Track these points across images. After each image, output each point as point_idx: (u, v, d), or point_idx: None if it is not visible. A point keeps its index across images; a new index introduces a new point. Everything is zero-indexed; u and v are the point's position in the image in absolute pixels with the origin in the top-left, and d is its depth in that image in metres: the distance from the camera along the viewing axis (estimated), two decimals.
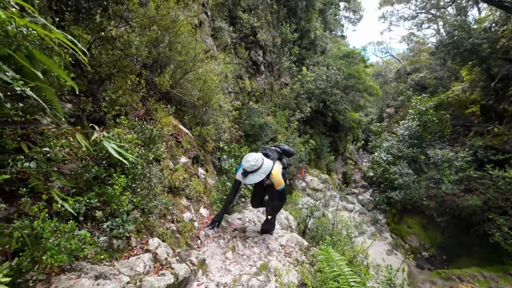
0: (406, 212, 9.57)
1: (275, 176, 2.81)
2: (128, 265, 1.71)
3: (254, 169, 2.67)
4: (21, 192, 1.38)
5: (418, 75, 17.92)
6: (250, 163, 2.68)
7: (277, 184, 2.84)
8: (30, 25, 1.19)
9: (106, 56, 2.86)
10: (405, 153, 10.33)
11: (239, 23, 9.30)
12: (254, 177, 2.69)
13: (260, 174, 2.70)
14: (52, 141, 1.66)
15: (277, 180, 2.82)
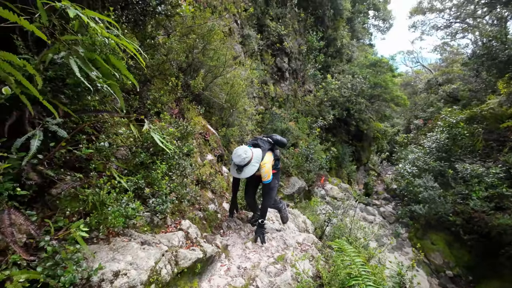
0: (430, 228, 9.20)
1: (263, 166, 2.74)
2: (166, 238, 2.00)
3: (246, 162, 2.59)
4: (91, 167, 1.72)
5: (450, 86, 17.16)
6: (241, 157, 2.58)
7: (264, 175, 2.77)
8: (111, 36, 1.53)
9: (151, 60, 3.26)
10: (432, 166, 9.98)
11: (266, 31, 9.66)
12: (249, 169, 2.62)
13: (254, 164, 2.64)
14: (112, 130, 2.02)
15: (265, 170, 2.74)
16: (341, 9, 13.92)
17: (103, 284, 1.43)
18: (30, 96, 1.28)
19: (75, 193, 1.60)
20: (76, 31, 1.55)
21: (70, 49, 1.44)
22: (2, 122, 1.28)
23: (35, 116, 1.35)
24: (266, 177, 2.79)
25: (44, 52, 1.54)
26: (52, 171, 1.49)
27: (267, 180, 2.80)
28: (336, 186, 12.35)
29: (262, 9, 9.59)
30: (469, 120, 11.04)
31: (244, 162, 2.58)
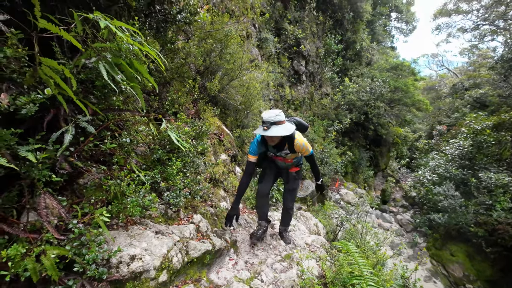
0: (449, 238, 8.82)
1: (300, 140, 2.43)
2: (178, 229, 2.15)
3: (278, 120, 2.20)
4: (113, 161, 1.91)
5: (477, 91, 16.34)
6: (275, 113, 2.24)
7: (305, 150, 2.47)
8: (134, 43, 1.70)
9: (171, 64, 3.47)
10: (453, 174, 9.57)
11: (284, 34, 9.75)
12: (278, 129, 2.21)
13: (286, 128, 2.24)
14: (133, 128, 2.20)
15: (304, 144, 2.44)
16: (361, 12, 13.72)
17: (120, 266, 1.59)
18: (65, 96, 1.47)
19: (99, 183, 1.79)
20: (105, 39, 1.74)
21: (99, 55, 1.62)
22: (42, 118, 1.48)
23: (68, 113, 1.54)
24: (307, 152, 2.50)
25: (77, 57, 1.75)
26: (81, 162, 1.68)
27: (309, 153, 2.54)
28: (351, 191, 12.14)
29: (280, 12, 9.70)
30: (497, 127, 10.47)
31: (274, 119, 2.19)
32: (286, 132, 2.20)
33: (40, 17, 1.30)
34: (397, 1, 20.13)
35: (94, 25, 1.89)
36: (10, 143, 1.27)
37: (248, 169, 2.56)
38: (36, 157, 1.31)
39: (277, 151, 2.61)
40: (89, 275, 1.39)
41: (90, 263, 1.40)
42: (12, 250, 1.18)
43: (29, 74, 1.37)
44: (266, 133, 2.19)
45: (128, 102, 2.16)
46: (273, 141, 2.40)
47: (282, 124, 2.23)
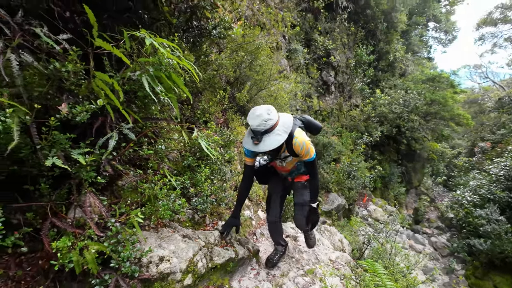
0: (493, 267, 7.95)
1: (300, 139, 1.90)
2: (203, 235, 2.22)
3: (269, 126, 1.73)
4: (148, 166, 2.05)
5: None
6: (262, 118, 1.72)
7: (305, 152, 1.94)
8: (173, 57, 1.85)
9: (203, 75, 3.66)
10: (498, 197, 8.69)
11: (313, 45, 9.76)
12: (272, 140, 1.74)
13: (280, 132, 1.77)
14: (167, 135, 2.35)
15: (304, 144, 1.90)
16: (395, 22, 13.31)
17: (150, 266, 1.69)
18: (112, 106, 1.63)
19: (135, 186, 1.93)
20: (148, 53, 1.90)
21: (143, 69, 1.78)
22: (91, 125, 1.65)
23: (113, 121, 1.70)
24: (307, 155, 1.96)
25: (123, 70, 1.93)
26: (121, 166, 1.83)
27: (309, 158, 1.99)
28: (380, 207, 11.53)
29: (311, 24, 9.76)
30: None
31: (265, 126, 1.72)
32: (281, 139, 1.76)
33: (96, 36, 1.47)
34: (435, 10, 19.22)
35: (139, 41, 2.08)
36: (65, 146, 1.43)
37: (245, 174, 2.22)
38: (85, 160, 1.46)
39: (274, 155, 2.15)
40: (123, 272, 1.49)
41: (125, 261, 1.51)
42: (61, 243, 1.32)
43: (84, 86, 1.55)
44: (259, 149, 1.77)
45: (164, 111, 2.31)
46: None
47: (276, 128, 1.76)
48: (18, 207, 1.46)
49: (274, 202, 2.49)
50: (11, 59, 1.31)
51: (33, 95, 1.46)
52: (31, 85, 1.46)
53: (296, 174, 2.35)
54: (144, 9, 2.54)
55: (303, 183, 2.33)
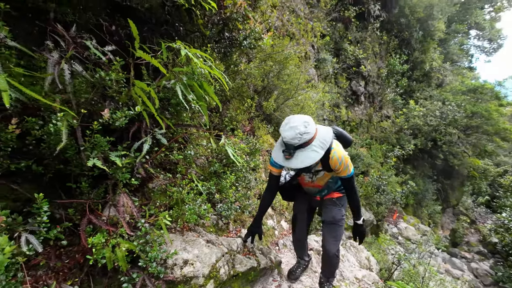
0: None
1: (339, 153, 1.70)
2: (226, 241, 2.24)
3: (305, 140, 1.53)
4: (177, 170, 2.13)
5: None
6: (298, 130, 1.52)
7: (344, 167, 1.73)
8: (205, 67, 1.93)
9: (232, 83, 3.76)
10: None
11: (343, 55, 9.61)
12: (306, 156, 1.54)
13: (317, 148, 1.55)
14: (196, 141, 2.43)
15: (343, 159, 1.70)
16: (432, 30, 12.68)
17: (175, 268, 1.73)
18: (147, 112, 1.73)
19: (164, 189, 2.01)
20: (182, 63, 2.01)
21: (177, 78, 1.88)
22: (128, 130, 1.77)
23: (148, 126, 1.80)
24: (346, 170, 1.76)
25: (159, 79, 2.05)
26: (152, 169, 1.93)
27: (348, 174, 1.79)
28: (412, 226, 10.78)
29: (341, 33, 9.65)
30: None
31: (299, 141, 1.52)
32: (317, 156, 1.54)
33: (138, 48, 1.59)
34: (478, 17, 18.01)
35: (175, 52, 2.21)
36: (104, 149, 1.54)
37: (269, 183, 2.05)
38: (121, 162, 1.56)
39: (305, 170, 1.95)
40: (149, 272, 1.54)
41: (152, 261, 1.56)
42: (96, 239, 1.41)
43: (125, 93, 1.67)
44: (290, 165, 1.58)
45: (194, 118, 2.41)
46: None
47: (312, 143, 1.55)
48: (61, 203, 1.59)
49: (301, 222, 2.29)
50: (64, 69, 1.46)
51: (80, 101, 1.60)
52: (79, 92, 1.60)
53: (327, 193, 2.14)
54: (180, 21, 2.69)
55: (332, 200, 2.09)
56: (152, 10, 2.29)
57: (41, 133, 1.40)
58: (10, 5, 1.42)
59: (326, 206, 2.11)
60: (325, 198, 2.13)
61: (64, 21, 1.78)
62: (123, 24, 2.19)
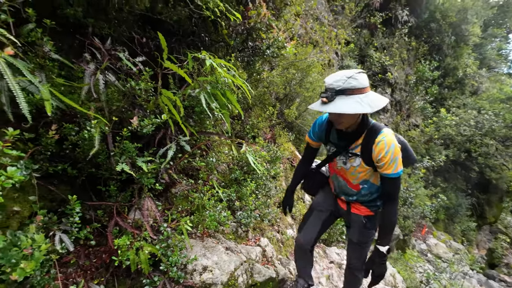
0: None
1: (389, 139, 1.34)
2: (245, 250, 2.23)
3: (350, 86, 1.25)
4: (199, 177, 2.17)
5: None
6: (346, 73, 1.26)
7: (390, 160, 1.33)
8: (229, 76, 1.97)
9: (254, 91, 3.80)
10: None
11: (368, 61, 9.38)
12: (347, 103, 1.25)
13: (362, 103, 1.25)
14: (218, 148, 2.47)
15: (393, 148, 1.33)
16: (466, 35, 12.01)
17: (194, 273, 1.75)
18: (173, 119, 1.80)
19: (186, 195, 2.06)
20: (207, 73, 2.07)
21: (201, 86, 1.94)
22: (154, 136, 1.84)
23: (173, 133, 1.87)
24: (391, 166, 1.34)
25: (184, 88, 2.13)
26: (176, 175, 1.99)
27: (393, 173, 1.36)
28: (443, 243, 10.07)
29: (366, 40, 9.44)
30: None
31: (343, 83, 1.25)
32: (362, 109, 1.23)
33: (166, 58, 1.67)
34: None
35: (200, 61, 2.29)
36: (132, 154, 1.62)
37: (304, 154, 1.85)
38: (147, 167, 1.63)
39: (342, 146, 1.52)
40: (170, 276, 1.58)
41: (172, 265, 1.60)
42: (121, 241, 1.47)
43: (152, 102, 1.75)
44: (326, 109, 1.26)
45: (216, 125, 2.46)
46: (340, 122, 1.38)
47: (358, 94, 1.25)
48: (91, 204, 1.68)
49: (314, 220, 1.83)
50: (99, 79, 1.57)
51: (112, 109, 1.70)
52: (111, 101, 1.71)
53: (356, 200, 1.66)
54: (206, 32, 2.79)
55: (360, 219, 1.66)
56: (180, 22, 2.39)
57: (77, 139, 1.50)
58: (55, 21, 1.56)
59: (354, 225, 1.73)
60: (353, 212, 1.70)
61: (100, 34, 1.92)
62: (152, 36, 2.32)
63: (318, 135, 1.66)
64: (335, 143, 1.59)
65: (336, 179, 1.72)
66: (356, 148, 1.48)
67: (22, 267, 1.08)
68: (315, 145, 1.76)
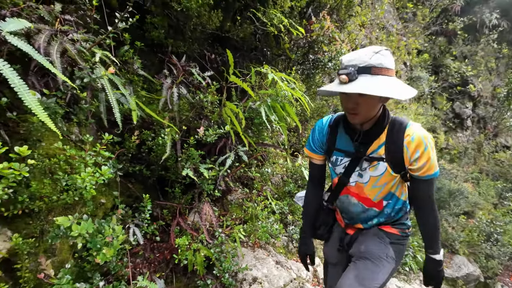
0: None
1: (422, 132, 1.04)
2: (296, 266, 2.16)
3: (376, 63, 0.94)
4: (254, 186, 2.21)
5: None
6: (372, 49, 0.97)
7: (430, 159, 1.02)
8: (289, 90, 1.99)
9: (313, 104, 3.74)
10: None
11: (444, 72, 8.33)
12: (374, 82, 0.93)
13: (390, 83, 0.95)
14: (273, 160, 2.49)
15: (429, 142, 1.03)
16: None
17: (244, 283, 1.77)
18: (234, 130, 1.89)
19: (241, 203, 2.12)
20: (268, 86, 2.13)
21: (262, 99, 2.00)
22: (215, 145, 1.97)
23: (233, 143, 1.96)
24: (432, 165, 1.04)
25: (245, 100, 2.23)
26: (232, 183, 2.07)
27: (433, 173, 1.06)
28: None
29: (442, 48, 8.43)
30: None
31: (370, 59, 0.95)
32: (390, 92, 0.91)
33: (232, 73, 1.78)
34: None
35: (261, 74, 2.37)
36: (196, 161, 1.76)
37: (310, 177, 1.37)
38: (208, 174, 1.74)
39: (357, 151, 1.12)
40: (222, 282, 1.63)
41: (225, 272, 1.65)
42: (182, 240, 1.59)
43: (217, 113, 1.89)
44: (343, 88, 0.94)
45: (273, 137, 2.49)
46: (357, 113, 1.01)
47: (386, 74, 0.95)
48: (159, 203, 1.87)
49: (331, 279, 1.39)
50: (174, 92, 1.76)
51: (182, 118, 1.88)
52: (182, 111, 1.89)
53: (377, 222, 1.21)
54: (268, 46, 2.89)
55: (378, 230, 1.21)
56: (245, 39, 2.54)
57: (152, 144, 1.70)
58: (144, 43, 1.83)
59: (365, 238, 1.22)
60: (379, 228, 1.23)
61: (177, 52, 2.17)
62: (220, 52, 2.51)
63: (320, 143, 1.22)
64: (345, 151, 1.15)
65: (346, 203, 1.22)
66: (378, 150, 1.08)
67: (104, 252, 1.25)
68: (318, 159, 1.28)
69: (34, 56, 0.94)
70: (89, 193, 1.21)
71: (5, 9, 1.18)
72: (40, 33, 1.18)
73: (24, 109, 1.13)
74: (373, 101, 0.99)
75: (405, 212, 1.24)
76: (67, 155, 1.25)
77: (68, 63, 1.31)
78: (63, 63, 1.24)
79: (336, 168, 1.19)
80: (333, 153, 1.19)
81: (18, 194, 1.14)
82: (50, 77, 1.32)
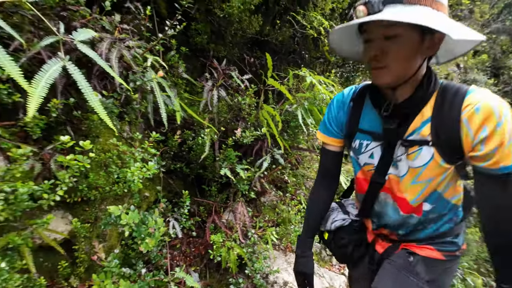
0: None
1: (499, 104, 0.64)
2: (328, 275, 2.09)
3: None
4: (287, 190, 2.20)
5: None
6: None
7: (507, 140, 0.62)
8: (327, 93, 1.94)
9: None
10: None
11: (506, 74, 7.40)
12: (408, 11, 0.60)
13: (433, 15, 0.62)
14: (308, 164, 2.45)
15: (507, 115, 0.63)
16: None
17: (275, 286, 1.76)
18: (270, 133, 1.91)
19: (274, 206, 2.12)
20: (305, 89, 2.11)
21: (299, 102, 1.99)
22: (251, 147, 2.00)
23: (269, 146, 1.98)
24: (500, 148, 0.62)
25: (282, 103, 2.23)
26: (267, 185, 2.08)
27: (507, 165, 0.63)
28: None
29: (504, 48, 7.52)
30: None
31: None
32: (431, 22, 0.57)
33: (270, 76, 1.81)
34: None
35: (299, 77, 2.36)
36: (233, 161, 1.81)
37: (320, 169, 1.05)
38: (244, 175, 1.77)
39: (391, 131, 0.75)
40: (253, 282, 1.64)
41: (256, 272, 1.66)
42: (216, 237, 1.64)
43: (254, 115, 1.92)
44: (373, 17, 0.61)
45: (308, 140, 2.45)
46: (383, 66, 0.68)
47: (429, 6, 0.63)
48: (196, 200, 1.96)
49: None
50: (214, 94, 1.84)
51: (221, 120, 1.96)
52: (221, 113, 1.97)
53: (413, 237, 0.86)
54: (306, 49, 2.87)
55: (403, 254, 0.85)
56: (284, 42, 2.55)
57: (192, 143, 1.79)
58: (188, 48, 1.95)
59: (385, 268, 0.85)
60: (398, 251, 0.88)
61: (218, 56, 2.27)
62: (258, 55, 2.56)
63: (339, 123, 0.89)
64: (373, 132, 0.81)
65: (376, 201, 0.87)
66: (420, 129, 0.73)
67: (147, 242, 1.35)
68: (334, 145, 0.93)
69: (98, 61, 1.07)
70: (137, 186, 1.32)
71: (76, 21, 1.35)
72: (102, 41, 1.33)
73: (87, 108, 1.28)
74: (407, 47, 0.65)
75: (455, 223, 0.85)
76: (119, 150, 1.38)
77: (123, 67, 1.44)
78: (120, 68, 1.38)
79: (359, 158, 0.84)
80: (355, 136, 0.84)
81: (79, 183, 1.28)
82: (108, 80, 1.48)
